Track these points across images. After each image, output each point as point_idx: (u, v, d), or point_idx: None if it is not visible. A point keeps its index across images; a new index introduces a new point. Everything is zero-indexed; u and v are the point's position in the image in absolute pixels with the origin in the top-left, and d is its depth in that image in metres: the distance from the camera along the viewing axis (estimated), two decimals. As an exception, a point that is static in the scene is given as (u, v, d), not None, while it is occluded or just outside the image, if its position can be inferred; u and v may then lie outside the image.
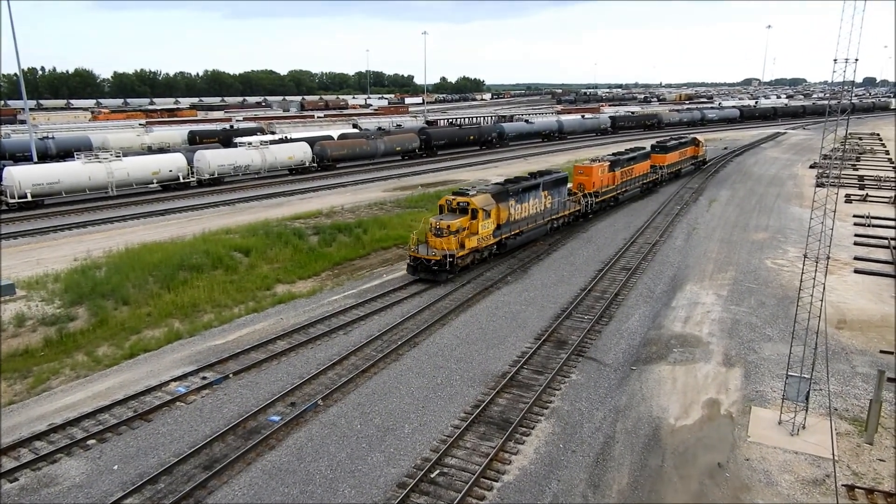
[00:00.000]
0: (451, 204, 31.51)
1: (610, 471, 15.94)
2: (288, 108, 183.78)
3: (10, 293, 25.82)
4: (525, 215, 35.33)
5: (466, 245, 30.50)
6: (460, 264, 30.62)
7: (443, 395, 19.70)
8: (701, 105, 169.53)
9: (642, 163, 51.70)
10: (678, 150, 60.43)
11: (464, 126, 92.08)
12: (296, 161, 62.08)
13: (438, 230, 29.80)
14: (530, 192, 35.77)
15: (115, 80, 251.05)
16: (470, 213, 30.93)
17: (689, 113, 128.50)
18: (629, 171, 48.82)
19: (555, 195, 38.48)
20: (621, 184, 47.52)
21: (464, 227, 30.48)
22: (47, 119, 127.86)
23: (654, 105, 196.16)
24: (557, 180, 38.77)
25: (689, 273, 31.98)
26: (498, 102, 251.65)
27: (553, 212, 38.42)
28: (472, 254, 31.40)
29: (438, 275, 29.79)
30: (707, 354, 22.39)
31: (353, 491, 15.02)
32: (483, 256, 32.76)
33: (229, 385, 20.31)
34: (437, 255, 29.42)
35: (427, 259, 29.69)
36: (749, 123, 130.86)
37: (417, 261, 30.10)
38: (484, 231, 31.52)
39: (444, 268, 29.56)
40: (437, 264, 29.51)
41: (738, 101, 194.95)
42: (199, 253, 31.32)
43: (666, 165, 56.80)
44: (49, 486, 15.21)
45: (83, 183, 47.78)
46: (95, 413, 18.43)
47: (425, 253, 29.76)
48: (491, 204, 31.69)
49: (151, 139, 76.63)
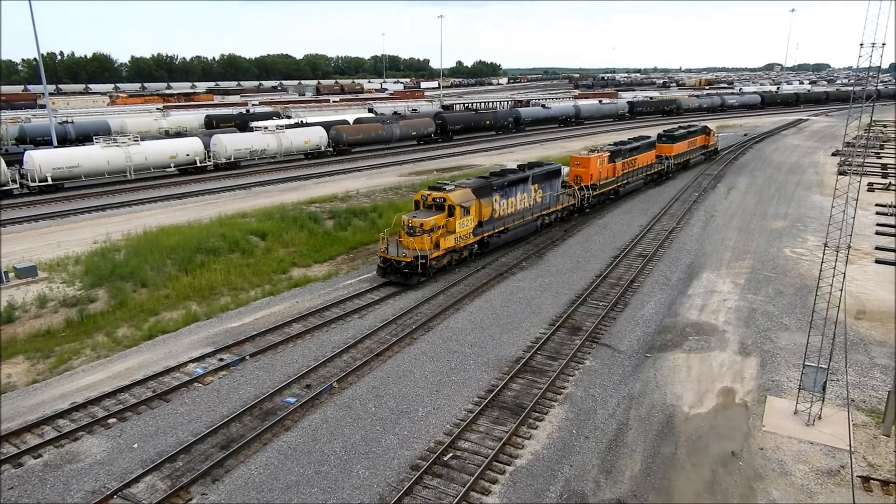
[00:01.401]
0: (427, 200, 28.85)
1: (622, 457, 15.97)
2: (304, 93, 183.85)
3: (32, 275, 26.27)
4: (511, 211, 32.90)
5: (442, 245, 27.94)
6: (435, 266, 28.24)
7: (456, 379, 19.80)
8: (721, 90, 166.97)
9: (647, 153, 48.79)
10: (687, 140, 57.14)
11: (480, 111, 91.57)
12: (311, 145, 62.21)
13: (411, 228, 27.38)
14: (518, 185, 33.22)
15: (132, 65, 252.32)
16: (447, 209, 28.33)
17: (708, 98, 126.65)
18: (632, 161, 46.04)
19: (546, 189, 35.88)
20: (622, 175, 44.79)
21: (439, 226, 27.93)
22: (66, 104, 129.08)
23: (673, 90, 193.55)
24: (549, 173, 36.24)
25: (706, 261, 31.72)
26: (514, 87, 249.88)
27: (544, 207, 35.94)
28: (448, 254, 28.94)
29: (409, 278, 27.26)
30: (723, 343, 22.27)
31: (367, 472, 15.21)
32: (462, 257, 30.34)
33: (246, 367, 20.57)
34: (407, 257, 27.08)
35: (397, 260, 27.29)
36: (770, 110, 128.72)
37: (388, 262, 27.63)
38: (462, 229, 29.04)
39: (415, 270, 27.09)
40: (407, 266, 27.10)
41: (760, 86, 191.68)
42: (216, 236, 31.61)
43: (673, 156, 53.78)
44: (72, 463, 15.56)
45: (102, 167, 48.30)
46: (116, 393, 18.78)
47: (395, 253, 27.43)
48: (471, 200, 29.28)
49: (169, 123, 77.13)
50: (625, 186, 45.60)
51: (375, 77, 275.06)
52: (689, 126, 60.81)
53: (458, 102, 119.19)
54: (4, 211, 40.41)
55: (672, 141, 54.07)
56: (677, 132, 56.22)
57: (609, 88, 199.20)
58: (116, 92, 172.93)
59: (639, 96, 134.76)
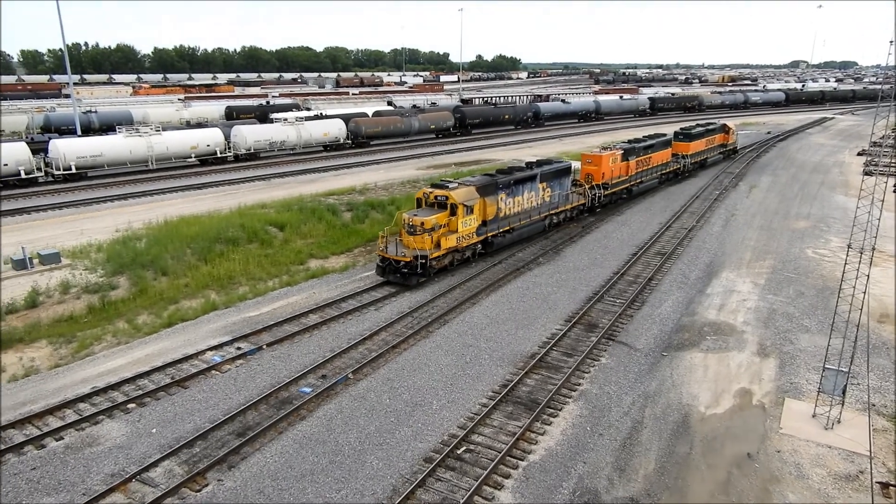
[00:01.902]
0: (429, 197, 27.97)
1: (637, 456, 15.91)
2: (323, 85, 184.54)
3: (56, 262, 26.73)
4: (518, 210, 32.05)
5: (443, 245, 27.08)
6: (436, 266, 27.41)
7: (471, 373, 19.83)
8: (744, 87, 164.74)
9: (662, 151, 47.32)
10: (704, 138, 55.29)
11: (499, 105, 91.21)
12: (330, 138, 62.41)
13: (411, 227, 26.56)
14: (525, 184, 32.35)
15: (155, 56, 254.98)
16: (449, 208, 27.48)
17: (731, 95, 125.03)
18: (646, 160, 44.69)
19: (555, 187, 34.95)
20: (636, 174, 43.51)
21: (440, 225, 27.07)
22: (90, 93, 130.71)
23: (696, 87, 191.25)
24: (559, 171, 35.22)
25: (725, 260, 31.38)
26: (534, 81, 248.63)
27: (552, 206, 34.88)
28: (450, 254, 28.08)
29: (408, 278, 26.38)
30: (741, 343, 22.04)
31: (380, 463, 15.31)
32: (465, 257, 29.42)
33: (263, 356, 20.77)
34: (406, 256, 26.17)
35: (396, 260, 26.43)
36: (795, 107, 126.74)
37: (386, 261, 26.76)
38: (465, 229, 28.17)
39: (414, 270, 26.26)
40: (406, 266, 26.26)
41: (784, 83, 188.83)
42: (235, 226, 31.89)
43: (690, 155, 51.95)
44: (92, 446, 15.85)
45: (124, 156, 48.89)
46: (135, 378, 19.08)
47: (394, 253, 26.52)
48: (474, 198, 28.42)
49: (190, 114, 77.83)
50: (638, 186, 44.38)
51: (395, 70, 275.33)
52: (707, 124, 59.00)
53: (477, 96, 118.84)
54: (30, 198, 41.11)
55: (689, 139, 52.37)
56: (694, 130, 54.42)
57: (630, 84, 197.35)
58: (139, 82, 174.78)
59: (660, 92, 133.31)
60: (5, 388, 18.74)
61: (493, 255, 31.19)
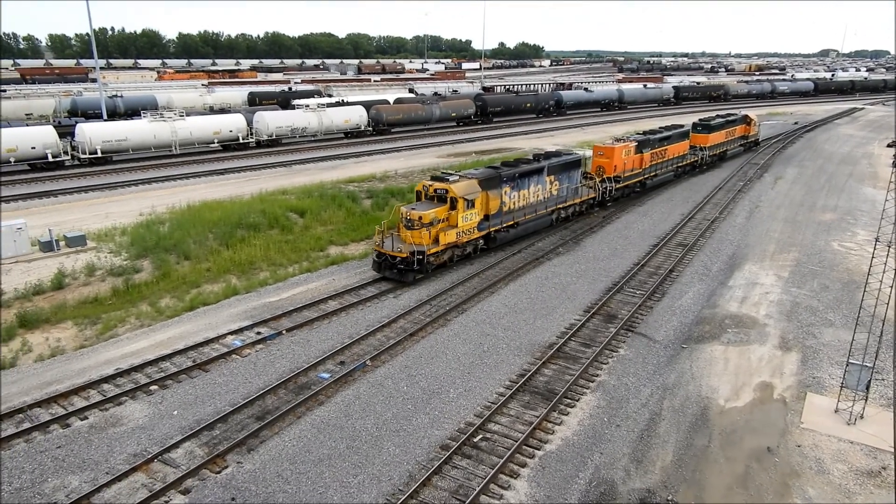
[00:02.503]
0: (429, 191, 26.93)
1: (654, 447, 15.83)
2: (345, 72, 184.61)
3: (81, 244, 27.20)
4: (523, 204, 30.92)
5: (442, 240, 26.03)
6: (434, 262, 26.37)
7: (489, 362, 19.85)
8: (772, 76, 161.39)
9: (679, 143, 45.42)
10: (724, 130, 53.42)
11: (521, 93, 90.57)
12: (351, 125, 62.50)
13: (409, 221, 25.62)
14: (531, 177, 31.15)
15: (179, 41, 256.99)
16: (449, 202, 26.45)
17: (758, 84, 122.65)
18: (661, 152, 42.86)
19: (563, 180, 33.74)
20: (651, 167, 41.80)
21: (439, 219, 26.09)
22: (116, 78, 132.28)
23: (722, 75, 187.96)
24: (567, 164, 33.85)
25: (748, 252, 30.93)
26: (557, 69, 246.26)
27: (560, 200, 33.70)
28: (449, 250, 27.02)
29: (404, 275, 25.45)
30: (763, 336, 21.76)
31: (397, 449, 15.42)
32: (465, 252, 28.30)
33: (282, 341, 20.98)
34: (402, 252, 25.16)
35: (392, 255, 25.42)
36: (824, 97, 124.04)
37: (382, 256, 25.79)
38: (466, 224, 27.05)
39: (410, 267, 25.28)
40: (403, 262, 25.30)
41: (813, 73, 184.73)
42: (257, 212, 32.15)
43: (708, 147, 50.32)
44: (115, 426, 16.18)
45: (149, 141, 49.46)
46: (158, 361, 19.39)
47: (390, 248, 25.51)
48: (476, 192, 27.22)
49: (213, 99, 78.41)
50: (652, 179, 42.72)
51: (417, 57, 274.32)
52: (727, 115, 56.92)
53: (499, 84, 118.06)
54: (56, 181, 41.80)
55: (708, 131, 50.61)
56: (714, 121, 52.57)
57: (654, 73, 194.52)
58: (164, 67, 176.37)
59: (685, 81, 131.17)
60: (32, 368, 19.18)
61: (511, 245, 31.04)
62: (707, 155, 50.53)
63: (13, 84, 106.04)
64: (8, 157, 42.70)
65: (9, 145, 42.60)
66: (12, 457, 14.85)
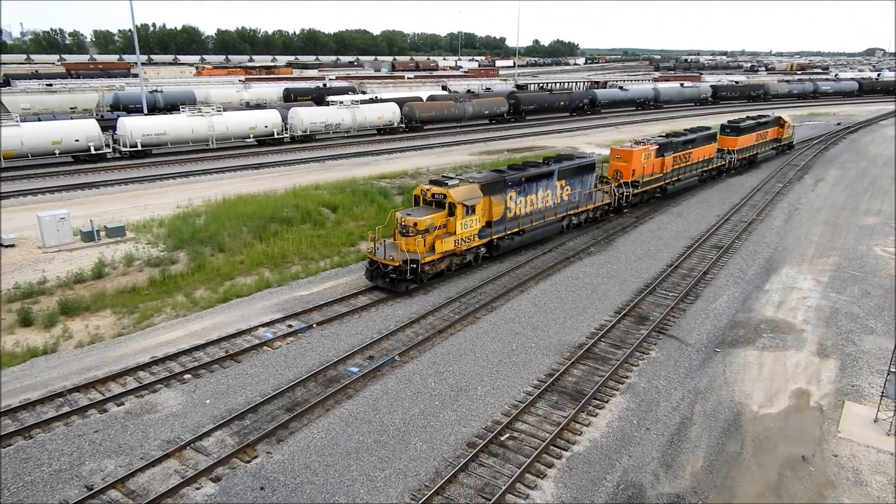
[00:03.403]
0: (426, 195, 25.50)
1: (684, 452, 15.58)
2: (379, 69, 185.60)
3: (121, 235, 27.92)
4: (530, 210, 29.28)
5: (438, 248, 24.56)
6: (430, 271, 24.96)
7: (517, 360, 19.77)
8: (814, 76, 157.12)
9: (704, 146, 43.05)
10: (755, 132, 50.55)
11: (554, 91, 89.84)
12: (384, 121, 62.82)
13: (404, 228, 24.25)
14: (539, 181, 29.50)
15: (218, 38, 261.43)
16: (447, 207, 25.06)
17: (799, 84, 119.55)
18: (685, 156, 40.66)
19: (576, 185, 32.03)
20: (673, 171, 39.54)
21: (437, 226, 24.66)
22: (157, 73, 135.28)
23: (762, 74, 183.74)
24: (580, 167, 32.12)
25: (786, 255, 30.19)
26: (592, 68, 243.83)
27: (571, 206, 31.97)
28: (447, 258, 25.55)
29: (397, 284, 24.06)
30: (800, 342, 21.23)
31: (424, 445, 15.47)
32: (465, 261, 26.80)
33: (312, 334, 21.22)
34: (394, 260, 23.74)
35: (384, 264, 24.01)
36: (869, 98, 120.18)
37: (375, 264, 24.45)
38: (465, 231, 25.53)
39: (403, 276, 23.86)
40: (395, 271, 23.89)
41: (858, 72, 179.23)
42: (290, 207, 32.56)
43: (737, 150, 47.69)
44: (150, 413, 16.57)
45: (187, 135, 50.49)
46: (191, 350, 19.80)
47: (383, 255, 24.17)
48: (476, 197, 25.76)
49: (250, 95, 79.61)
50: (674, 184, 40.29)
51: (451, 54, 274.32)
52: (758, 116, 53.94)
53: (532, 82, 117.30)
54: (98, 173, 42.96)
55: (737, 133, 47.92)
56: (744, 123, 49.63)
57: (692, 72, 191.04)
58: (202, 63, 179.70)
59: (723, 80, 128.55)
60: (73, 354, 19.76)
61: (533, 247, 30.82)
62: (735, 158, 48.01)
63: (59, 78, 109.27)
64: (53, 149, 44.02)
65: (54, 137, 43.92)
66: (52, 439, 15.33)
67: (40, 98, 66.48)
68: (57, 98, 67.21)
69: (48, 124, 45.54)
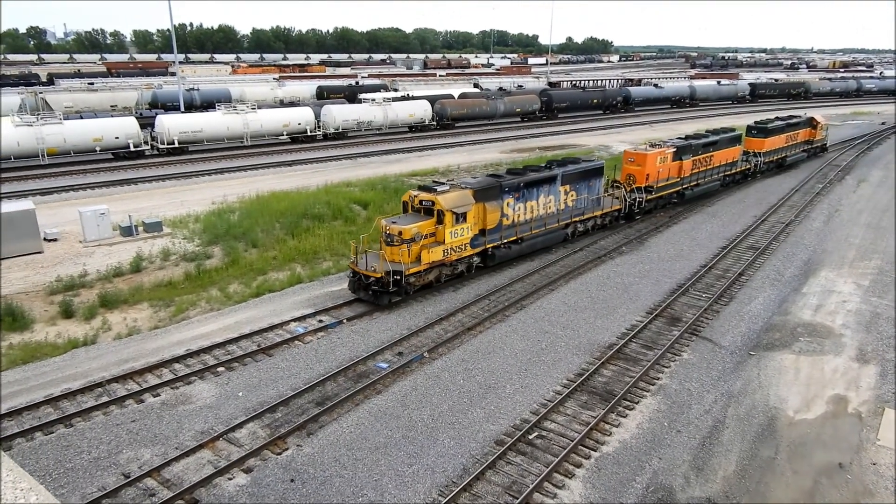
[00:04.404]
0: (414, 202, 24.09)
1: (716, 456, 15.32)
2: (411, 66, 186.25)
3: (158, 230, 28.57)
4: (530, 217, 27.65)
5: (425, 258, 23.01)
6: (415, 283, 23.45)
7: (546, 359, 19.67)
8: (858, 73, 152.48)
9: (728, 149, 40.63)
10: (784, 133, 47.70)
11: (587, 89, 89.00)
12: (416, 119, 63.03)
13: (388, 237, 22.82)
14: (541, 186, 27.83)
15: (253, 36, 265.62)
16: (436, 215, 23.52)
17: (842, 82, 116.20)
18: (706, 159, 38.32)
19: (582, 190, 30.21)
20: (692, 176, 37.31)
21: (423, 234, 23.15)
22: (194, 72, 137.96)
23: (803, 72, 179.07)
24: (587, 171, 30.22)
25: (825, 258, 29.42)
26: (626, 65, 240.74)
27: (576, 212, 30.18)
28: (435, 269, 24.05)
29: (379, 297, 22.56)
30: (838, 347, 20.67)
31: (452, 442, 15.51)
32: (456, 272, 25.19)
33: (342, 330, 21.44)
34: (377, 272, 22.21)
35: (365, 275, 22.52)
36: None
37: (357, 275, 22.98)
38: (455, 240, 23.95)
39: (386, 288, 22.35)
40: (377, 283, 22.42)
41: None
42: (322, 203, 32.92)
43: (764, 152, 44.95)
44: (185, 404, 16.95)
45: (222, 133, 51.42)
46: (225, 343, 20.19)
47: (364, 266, 22.60)
48: (468, 204, 24.12)
49: (283, 93, 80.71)
50: (693, 189, 37.93)
51: (483, 52, 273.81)
52: (788, 117, 50.81)
53: (565, 80, 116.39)
54: (136, 170, 44.03)
55: (764, 135, 45.13)
56: (772, 124, 46.62)
57: (729, 69, 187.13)
58: (238, 62, 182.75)
59: (762, 78, 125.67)
60: (112, 345, 20.32)
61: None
62: (761, 161, 45.19)
63: (100, 77, 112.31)
64: (94, 146, 45.25)
65: (95, 135, 45.15)
66: (91, 428, 15.80)
67: (82, 96, 68.39)
68: (98, 96, 69.05)
69: (90, 122, 46.84)
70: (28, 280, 23.37)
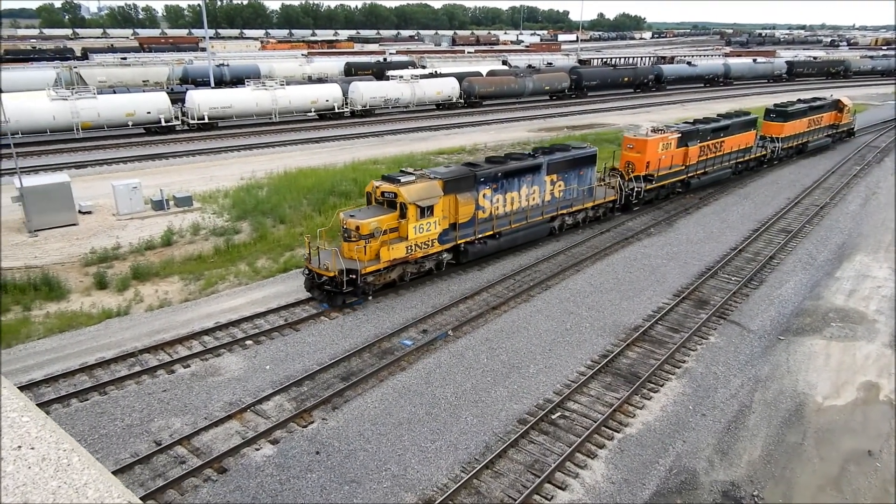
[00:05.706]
0: (376, 193, 22.22)
1: (742, 440, 15.19)
2: (439, 43, 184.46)
3: (188, 205, 29.03)
4: (511, 209, 25.53)
5: (384, 256, 21.17)
6: (374, 282, 21.66)
7: (571, 340, 19.63)
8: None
9: (741, 134, 37.60)
10: (806, 117, 44.26)
11: (618, 67, 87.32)
12: (443, 96, 62.61)
13: (346, 232, 21.13)
14: (523, 176, 25.64)
15: (282, 12, 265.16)
16: (398, 208, 21.70)
17: (884, 60, 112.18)
18: (715, 145, 35.58)
19: (571, 180, 27.95)
20: (698, 163, 34.70)
21: (383, 229, 21.26)
22: (223, 47, 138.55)
23: (843, 50, 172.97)
24: (577, 159, 27.94)
25: (860, 242, 28.68)
26: (658, 42, 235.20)
27: (564, 204, 27.90)
28: (398, 266, 22.21)
29: (333, 298, 20.99)
30: (871, 333, 20.23)
31: (475, 419, 15.63)
32: (423, 269, 23.22)
33: (368, 307, 21.62)
34: (329, 270, 20.45)
35: (318, 273, 20.87)
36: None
37: (311, 273, 21.37)
38: (419, 235, 21.90)
39: (339, 288, 20.64)
40: (331, 282, 20.79)
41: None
42: (348, 180, 33.04)
43: (783, 137, 41.91)
44: (214, 376, 17.34)
45: (251, 109, 51.75)
46: (253, 318, 20.53)
47: (317, 264, 20.86)
48: (434, 196, 21.95)
49: (312, 69, 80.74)
50: (699, 177, 35.28)
51: (512, 29, 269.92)
52: (811, 100, 47.23)
53: (596, 57, 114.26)
54: (168, 145, 44.63)
55: (784, 118, 41.99)
56: (792, 108, 43.31)
57: (766, 46, 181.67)
58: (267, 38, 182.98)
59: (800, 56, 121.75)
60: (144, 317, 20.81)
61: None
62: (780, 147, 42.14)
63: (132, 52, 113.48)
64: (127, 121, 45.94)
65: (128, 109, 45.81)
66: (125, 396, 16.27)
67: (115, 71, 69.33)
68: (130, 71, 69.93)
69: (122, 97, 47.54)
70: (64, 251, 23.99)
